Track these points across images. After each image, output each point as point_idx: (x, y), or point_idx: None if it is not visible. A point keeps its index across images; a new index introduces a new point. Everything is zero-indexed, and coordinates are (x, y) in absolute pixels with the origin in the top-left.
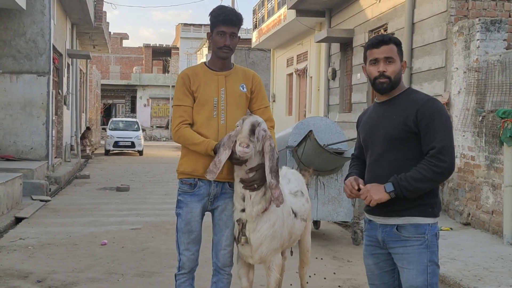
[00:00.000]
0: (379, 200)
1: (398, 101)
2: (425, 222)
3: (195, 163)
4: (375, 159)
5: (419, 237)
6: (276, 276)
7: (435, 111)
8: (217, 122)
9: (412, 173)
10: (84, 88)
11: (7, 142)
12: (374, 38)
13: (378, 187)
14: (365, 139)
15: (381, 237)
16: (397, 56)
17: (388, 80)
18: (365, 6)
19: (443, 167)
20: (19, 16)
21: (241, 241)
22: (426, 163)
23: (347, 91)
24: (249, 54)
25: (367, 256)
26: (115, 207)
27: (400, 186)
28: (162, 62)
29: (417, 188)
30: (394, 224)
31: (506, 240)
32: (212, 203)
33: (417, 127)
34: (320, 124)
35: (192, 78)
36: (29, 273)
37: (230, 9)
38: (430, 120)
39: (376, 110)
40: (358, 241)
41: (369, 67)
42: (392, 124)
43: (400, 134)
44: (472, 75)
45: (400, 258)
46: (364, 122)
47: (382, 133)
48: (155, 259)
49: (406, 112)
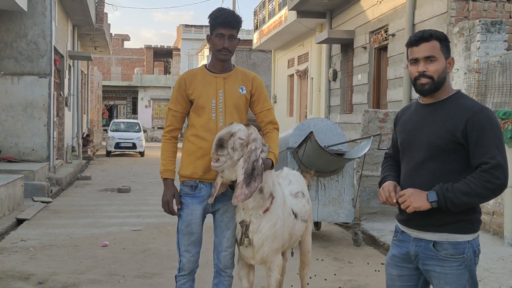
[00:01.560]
0: (418, 208)
1: (445, 106)
2: (464, 240)
3: (194, 165)
4: (414, 166)
5: (458, 258)
6: (277, 277)
7: (487, 123)
8: (215, 124)
9: (460, 185)
10: (85, 89)
11: (9, 143)
12: (414, 34)
13: (420, 194)
14: (403, 142)
15: (414, 251)
16: (440, 54)
17: (430, 80)
18: (365, 7)
19: (497, 184)
20: (21, 18)
21: (244, 243)
22: (478, 177)
23: (348, 92)
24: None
25: (392, 265)
26: (116, 209)
27: (445, 197)
28: (163, 63)
29: (463, 202)
30: (430, 239)
31: (506, 241)
32: (213, 205)
33: (466, 139)
34: (321, 125)
35: (189, 81)
36: (30, 275)
37: (229, 11)
38: (482, 132)
39: (419, 112)
40: (358, 242)
41: (410, 67)
42: (437, 131)
43: (446, 144)
44: (472, 76)
45: (437, 277)
46: (404, 122)
47: (424, 139)
48: (156, 260)
49: (454, 120)
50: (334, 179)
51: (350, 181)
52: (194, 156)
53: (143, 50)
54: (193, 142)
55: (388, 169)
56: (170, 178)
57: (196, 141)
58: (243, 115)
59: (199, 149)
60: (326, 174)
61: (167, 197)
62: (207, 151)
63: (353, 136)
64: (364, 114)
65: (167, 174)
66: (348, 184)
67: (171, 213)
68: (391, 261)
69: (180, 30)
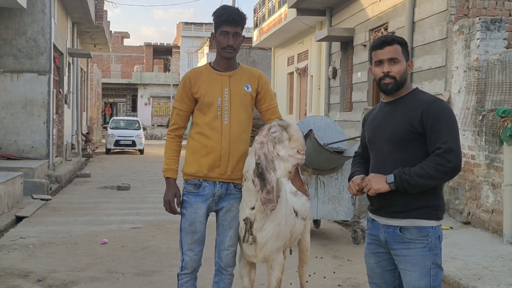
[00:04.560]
0: (378, 190)
1: (405, 102)
2: (428, 225)
3: (199, 164)
4: (380, 159)
5: (422, 240)
6: (278, 275)
7: (441, 112)
8: (220, 123)
9: (416, 169)
10: (85, 87)
11: (8, 141)
12: (378, 39)
13: (379, 177)
14: (370, 138)
15: (384, 237)
16: (401, 56)
17: (393, 80)
18: (365, 5)
19: (449, 166)
20: (20, 15)
21: (248, 240)
22: (432, 160)
23: (347, 90)
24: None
25: (368, 254)
26: (115, 206)
27: (401, 179)
28: (163, 61)
29: (418, 183)
30: (397, 225)
31: (506, 239)
32: (217, 204)
33: (423, 128)
34: (320, 123)
35: (194, 80)
36: (30, 272)
37: (233, 8)
38: (436, 120)
39: (382, 109)
40: (358, 240)
41: (374, 68)
42: (398, 124)
43: (406, 134)
44: (472, 74)
45: (403, 260)
46: (370, 121)
47: (387, 133)
48: (156, 258)
49: (412, 113)
50: (334, 177)
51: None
52: (198, 154)
53: (142, 47)
54: (198, 140)
55: (357, 166)
56: (173, 178)
57: (201, 139)
58: (248, 113)
59: (204, 147)
60: (325, 172)
61: (168, 197)
62: (212, 149)
63: (353, 134)
64: (364, 112)
65: (170, 173)
66: (347, 182)
67: (173, 212)
68: (367, 251)
69: (180, 27)
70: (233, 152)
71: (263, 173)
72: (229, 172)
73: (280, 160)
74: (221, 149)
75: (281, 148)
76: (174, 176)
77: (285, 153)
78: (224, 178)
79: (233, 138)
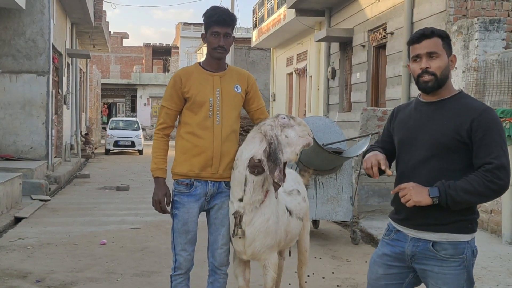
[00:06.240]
0: (418, 202)
1: (449, 105)
2: (463, 240)
3: (190, 163)
4: (414, 165)
5: (457, 258)
6: (273, 275)
7: (493, 123)
8: (212, 123)
9: (462, 183)
10: (84, 87)
11: (7, 141)
12: (416, 32)
13: (421, 189)
14: (403, 139)
15: (411, 251)
16: (442, 50)
17: (433, 77)
18: (364, 5)
19: (499, 184)
20: (19, 16)
21: (238, 234)
22: (481, 176)
23: (346, 90)
24: (249, 53)
25: (379, 263)
26: (114, 207)
27: (446, 194)
28: (162, 62)
29: (464, 200)
30: (429, 239)
31: (504, 240)
32: (209, 203)
33: (470, 138)
34: (319, 124)
35: (185, 79)
36: (28, 273)
37: (223, 9)
38: (487, 131)
39: (420, 110)
40: (357, 240)
41: (412, 65)
42: (441, 129)
43: (449, 142)
44: (471, 75)
45: (434, 277)
46: (403, 120)
47: (427, 137)
48: (155, 258)
49: (459, 119)
50: (333, 177)
51: (348, 179)
52: (189, 153)
53: (142, 48)
54: (189, 140)
55: (375, 147)
56: (162, 177)
57: (192, 139)
58: (238, 113)
59: (195, 147)
60: (324, 173)
61: (159, 196)
62: (204, 149)
63: (352, 134)
64: (363, 112)
65: (159, 173)
66: (346, 182)
67: (163, 212)
68: (379, 260)
69: (179, 28)
70: (225, 152)
71: (275, 152)
72: (221, 171)
73: (286, 144)
74: (213, 149)
75: (290, 131)
76: (164, 175)
77: (295, 134)
78: (216, 177)
79: (224, 138)
